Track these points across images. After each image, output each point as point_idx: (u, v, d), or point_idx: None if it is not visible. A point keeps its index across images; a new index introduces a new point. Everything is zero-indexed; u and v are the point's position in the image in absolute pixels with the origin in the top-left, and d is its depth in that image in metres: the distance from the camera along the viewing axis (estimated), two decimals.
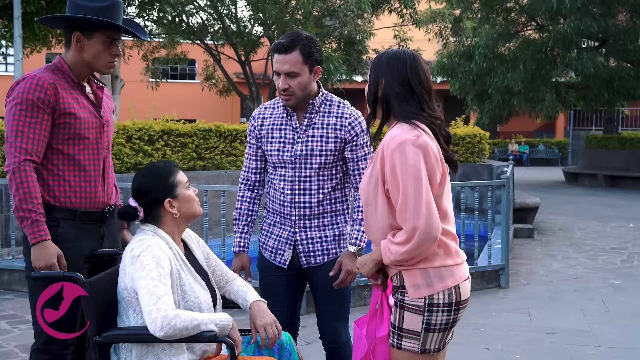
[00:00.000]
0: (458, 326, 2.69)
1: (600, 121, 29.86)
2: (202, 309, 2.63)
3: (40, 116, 2.88)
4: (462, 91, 20.36)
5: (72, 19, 2.99)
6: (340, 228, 3.26)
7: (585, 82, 19.66)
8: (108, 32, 3.02)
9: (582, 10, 16.52)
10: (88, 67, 3.05)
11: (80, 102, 3.01)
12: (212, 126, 9.63)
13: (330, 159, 3.19)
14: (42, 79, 2.91)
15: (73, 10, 2.99)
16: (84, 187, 2.99)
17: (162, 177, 2.75)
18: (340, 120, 3.21)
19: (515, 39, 19.74)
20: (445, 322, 2.47)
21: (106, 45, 3.02)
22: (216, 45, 21.20)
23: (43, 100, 2.88)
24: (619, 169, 20.08)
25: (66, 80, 2.99)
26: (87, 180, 3.00)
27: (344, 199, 3.31)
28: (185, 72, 31.86)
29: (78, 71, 3.04)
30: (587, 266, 8.12)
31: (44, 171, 2.95)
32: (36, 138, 2.88)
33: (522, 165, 29.45)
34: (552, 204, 14.58)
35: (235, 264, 3.35)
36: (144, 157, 8.88)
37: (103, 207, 3.07)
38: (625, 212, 13.64)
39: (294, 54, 3.09)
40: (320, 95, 3.23)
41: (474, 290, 6.74)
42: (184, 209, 2.75)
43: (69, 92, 2.98)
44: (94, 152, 3.05)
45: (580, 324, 5.66)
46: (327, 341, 3.36)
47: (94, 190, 3.02)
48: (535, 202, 11.28)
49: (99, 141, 3.06)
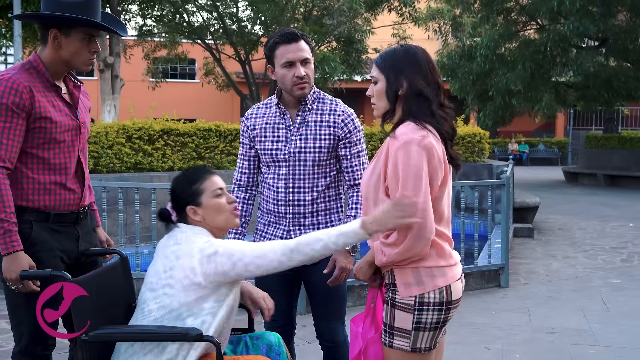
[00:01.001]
0: (458, 325, 2.70)
1: (600, 121, 29.86)
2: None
3: (15, 121, 2.78)
4: (462, 91, 20.36)
5: (48, 17, 2.88)
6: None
7: (585, 82, 19.66)
8: (86, 29, 2.91)
9: (582, 12, 16.52)
10: (65, 65, 2.95)
11: (56, 105, 2.90)
12: (212, 126, 9.63)
13: (323, 156, 3.19)
14: (16, 81, 2.79)
15: (49, 7, 2.87)
16: (58, 190, 2.91)
17: (187, 183, 2.73)
18: (333, 118, 3.21)
19: (516, 39, 19.74)
20: (435, 321, 2.46)
21: (85, 43, 2.92)
22: (216, 44, 21.21)
23: (18, 104, 2.78)
24: (619, 169, 20.08)
25: (41, 81, 2.88)
26: (62, 183, 2.92)
27: (338, 197, 3.31)
28: (185, 72, 31.86)
29: (55, 70, 2.93)
30: (587, 266, 8.12)
31: (17, 173, 2.85)
32: (10, 144, 2.78)
33: (522, 164, 29.46)
34: (552, 203, 14.58)
35: None
36: (144, 156, 8.88)
37: (77, 209, 3.00)
38: (625, 211, 13.64)
39: (303, 42, 3.12)
40: (313, 93, 3.23)
41: (474, 290, 6.75)
42: (209, 219, 2.70)
43: (45, 95, 2.87)
44: (70, 154, 2.96)
45: (580, 323, 5.66)
46: (324, 340, 3.36)
47: (68, 192, 2.94)
48: (535, 201, 11.29)
49: (74, 143, 2.98)
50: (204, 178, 2.72)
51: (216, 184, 2.73)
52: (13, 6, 11.95)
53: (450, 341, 5.16)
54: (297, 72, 3.10)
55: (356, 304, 6.00)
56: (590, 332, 5.41)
